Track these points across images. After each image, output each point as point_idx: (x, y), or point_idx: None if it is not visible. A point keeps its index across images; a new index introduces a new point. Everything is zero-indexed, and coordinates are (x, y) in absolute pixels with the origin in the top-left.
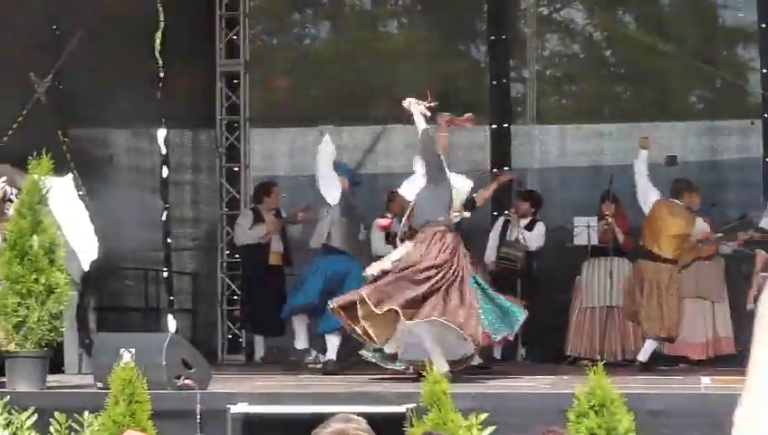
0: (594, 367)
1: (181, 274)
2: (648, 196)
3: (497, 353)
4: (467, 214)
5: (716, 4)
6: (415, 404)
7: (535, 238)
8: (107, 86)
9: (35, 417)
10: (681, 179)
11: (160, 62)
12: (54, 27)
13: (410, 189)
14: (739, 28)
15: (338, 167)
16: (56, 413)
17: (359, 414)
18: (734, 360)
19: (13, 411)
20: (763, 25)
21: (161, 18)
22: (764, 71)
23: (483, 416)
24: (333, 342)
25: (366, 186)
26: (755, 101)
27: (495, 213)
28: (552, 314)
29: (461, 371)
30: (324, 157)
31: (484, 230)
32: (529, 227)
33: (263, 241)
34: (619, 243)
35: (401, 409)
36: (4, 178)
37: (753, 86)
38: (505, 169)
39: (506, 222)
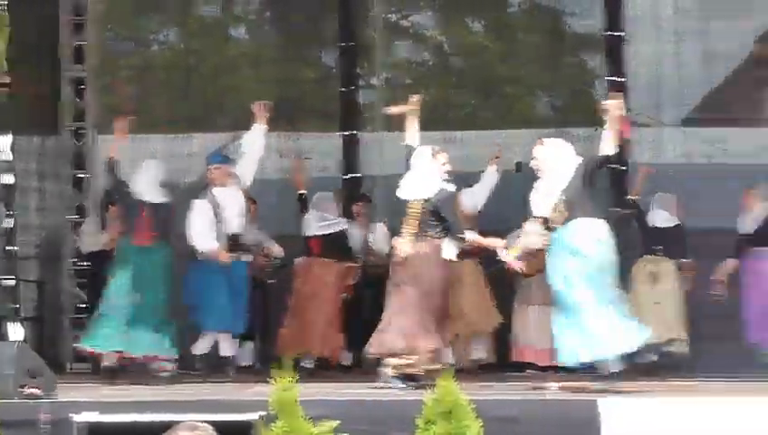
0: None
1: (26, 281)
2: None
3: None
4: None
5: (563, 11)
6: (265, 412)
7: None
8: None
9: None
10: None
11: (5, 67)
12: None
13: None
14: (585, 35)
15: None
16: None
17: (206, 422)
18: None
19: None
20: (608, 33)
21: (6, 22)
22: (609, 78)
23: (334, 423)
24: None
25: None
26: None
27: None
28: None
29: None
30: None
31: None
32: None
33: (108, 247)
34: None
35: (250, 416)
36: None
37: (598, 93)
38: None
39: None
